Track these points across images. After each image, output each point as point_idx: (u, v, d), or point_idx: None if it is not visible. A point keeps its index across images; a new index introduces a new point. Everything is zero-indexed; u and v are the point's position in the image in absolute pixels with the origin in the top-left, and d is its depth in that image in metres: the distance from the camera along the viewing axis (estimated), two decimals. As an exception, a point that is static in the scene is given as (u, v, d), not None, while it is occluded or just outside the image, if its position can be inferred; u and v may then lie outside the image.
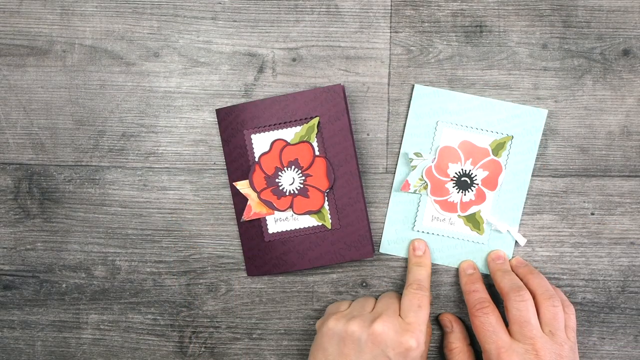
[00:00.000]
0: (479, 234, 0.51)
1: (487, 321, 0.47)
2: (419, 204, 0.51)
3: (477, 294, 0.49)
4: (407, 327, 0.45)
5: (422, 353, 0.46)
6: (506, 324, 0.48)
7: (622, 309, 0.52)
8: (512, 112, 0.50)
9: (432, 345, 0.53)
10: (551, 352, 0.45)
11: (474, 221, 0.51)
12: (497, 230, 0.51)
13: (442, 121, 0.50)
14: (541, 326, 0.46)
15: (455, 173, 0.50)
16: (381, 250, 0.52)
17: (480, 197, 0.50)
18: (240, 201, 0.51)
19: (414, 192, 0.51)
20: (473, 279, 0.50)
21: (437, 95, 0.50)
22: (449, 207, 0.51)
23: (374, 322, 0.45)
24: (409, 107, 0.51)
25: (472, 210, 0.50)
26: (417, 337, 0.45)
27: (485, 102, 0.50)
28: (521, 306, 0.46)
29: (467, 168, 0.50)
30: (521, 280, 0.49)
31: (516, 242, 0.51)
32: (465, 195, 0.50)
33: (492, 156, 0.50)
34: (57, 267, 0.52)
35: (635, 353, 0.52)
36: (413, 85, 0.50)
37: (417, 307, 0.47)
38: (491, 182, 0.50)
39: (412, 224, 0.51)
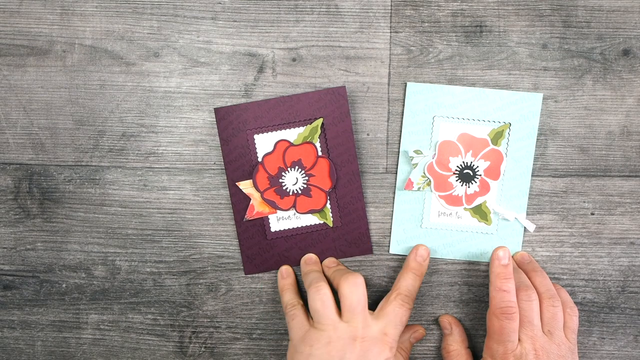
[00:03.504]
0: (487, 225, 0.51)
1: (508, 327, 0.45)
2: (424, 201, 0.51)
3: (507, 296, 0.46)
4: (385, 338, 0.45)
5: None
6: None
7: (622, 309, 0.52)
8: (508, 100, 0.50)
9: (431, 345, 0.53)
10: (549, 352, 0.45)
11: (480, 212, 0.51)
12: (505, 218, 0.51)
13: (438, 116, 0.50)
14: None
15: (457, 166, 0.50)
16: (391, 251, 0.52)
17: (485, 188, 0.50)
18: (239, 201, 0.51)
19: (417, 190, 0.51)
20: (506, 274, 0.47)
21: (430, 91, 0.50)
22: (454, 201, 0.51)
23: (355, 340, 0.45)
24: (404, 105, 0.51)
25: (477, 201, 0.50)
26: (391, 346, 0.46)
27: (480, 93, 0.50)
28: (527, 306, 0.46)
29: (468, 160, 0.50)
30: None
31: (525, 228, 0.51)
32: (469, 187, 0.50)
33: (491, 146, 0.50)
34: (57, 267, 0.52)
35: (635, 353, 0.52)
36: (405, 84, 0.50)
37: (400, 321, 0.46)
38: (494, 172, 0.50)
39: (420, 222, 0.51)
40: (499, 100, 0.50)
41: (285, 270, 0.51)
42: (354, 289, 0.46)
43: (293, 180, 0.50)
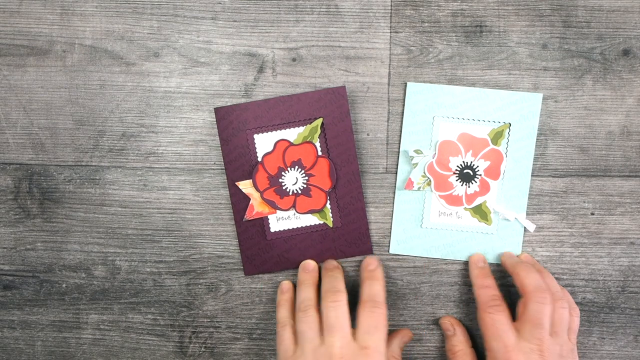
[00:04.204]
0: (487, 225, 0.51)
1: (498, 320, 0.46)
2: (424, 201, 0.51)
3: (490, 291, 0.48)
4: (365, 352, 0.44)
5: None
6: (514, 317, 0.48)
7: (622, 309, 0.52)
8: (508, 100, 0.50)
9: (431, 345, 0.53)
10: (553, 353, 0.45)
11: (481, 212, 0.51)
12: (506, 218, 0.51)
13: (438, 116, 0.50)
14: None
15: (457, 166, 0.50)
16: (391, 251, 0.52)
17: (485, 188, 0.50)
18: (239, 201, 0.51)
19: (417, 190, 0.51)
20: (484, 273, 0.50)
21: (430, 91, 0.50)
22: (454, 200, 0.51)
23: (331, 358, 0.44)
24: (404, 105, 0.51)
25: (477, 201, 0.50)
26: (375, 358, 0.44)
27: (480, 93, 0.50)
28: (541, 308, 0.46)
29: (469, 160, 0.50)
30: None
31: (525, 228, 0.51)
32: (469, 187, 0.50)
33: (492, 145, 0.50)
34: (57, 267, 0.52)
35: (635, 353, 0.52)
36: (406, 84, 0.50)
37: (374, 328, 0.45)
38: (494, 172, 0.50)
39: (420, 222, 0.51)
40: (499, 100, 0.50)
41: (286, 285, 0.51)
42: (334, 306, 0.46)
43: (293, 180, 0.50)
